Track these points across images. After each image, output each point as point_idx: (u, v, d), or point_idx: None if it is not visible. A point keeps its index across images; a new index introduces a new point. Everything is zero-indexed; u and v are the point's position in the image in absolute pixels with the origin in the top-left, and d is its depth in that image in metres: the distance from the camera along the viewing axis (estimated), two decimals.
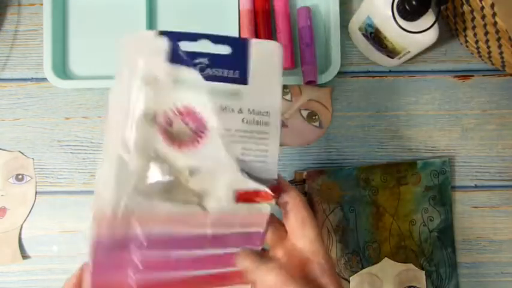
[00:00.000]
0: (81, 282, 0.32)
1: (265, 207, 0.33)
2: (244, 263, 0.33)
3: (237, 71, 0.33)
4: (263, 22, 0.51)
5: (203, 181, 0.32)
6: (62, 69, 0.52)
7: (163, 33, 0.32)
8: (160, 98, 0.32)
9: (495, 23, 0.42)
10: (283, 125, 0.51)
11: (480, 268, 0.51)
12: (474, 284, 0.51)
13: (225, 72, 0.33)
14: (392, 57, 0.49)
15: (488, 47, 0.46)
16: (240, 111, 0.33)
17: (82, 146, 0.52)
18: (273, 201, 0.33)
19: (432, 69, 0.53)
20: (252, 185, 0.32)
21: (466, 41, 0.50)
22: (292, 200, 0.34)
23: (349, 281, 0.49)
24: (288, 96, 0.52)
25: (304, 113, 0.51)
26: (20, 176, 0.51)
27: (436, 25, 0.42)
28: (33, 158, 0.51)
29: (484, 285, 0.51)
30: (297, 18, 0.51)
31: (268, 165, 0.33)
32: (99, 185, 0.31)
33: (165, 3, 0.53)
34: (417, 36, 0.43)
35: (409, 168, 0.50)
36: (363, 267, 0.50)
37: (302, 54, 0.50)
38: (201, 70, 0.32)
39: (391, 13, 0.42)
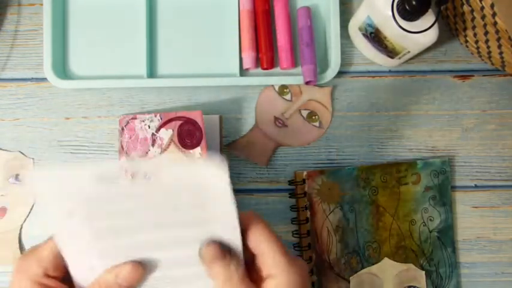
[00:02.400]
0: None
1: None
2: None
3: None
4: (263, 22, 0.51)
5: None
6: (62, 69, 0.52)
7: None
8: None
9: (495, 23, 0.42)
10: (283, 124, 0.51)
11: (480, 268, 0.51)
12: (474, 284, 0.51)
13: None
14: (392, 57, 0.49)
15: (488, 47, 0.46)
16: None
17: (82, 146, 0.52)
18: None
19: (432, 69, 0.53)
20: None
21: (466, 41, 0.50)
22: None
23: (349, 281, 0.49)
24: (288, 96, 0.52)
25: (304, 113, 0.51)
26: (20, 176, 0.51)
27: (436, 25, 0.42)
28: (33, 158, 0.51)
29: (484, 285, 0.51)
30: (297, 18, 0.51)
31: None
32: None
33: (165, 3, 0.53)
34: (417, 36, 0.43)
35: (409, 168, 0.50)
36: (363, 267, 0.49)
37: (302, 54, 0.50)
38: None
39: (391, 13, 0.42)
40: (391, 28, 0.43)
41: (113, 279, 0.31)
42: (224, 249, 0.32)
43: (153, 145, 0.48)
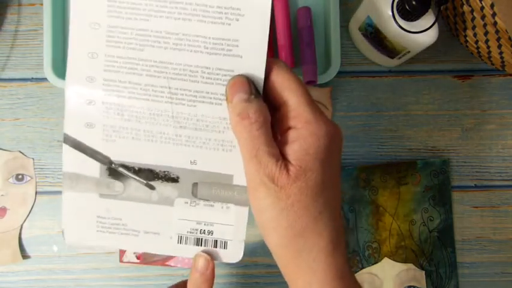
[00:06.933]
0: None
1: None
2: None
3: None
4: None
5: None
6: (62, 69, 0.52)
7: None
8: None
9: (495, 23, 0.42)
10: None
11: (480, 268, 0.51)
12: (474, 284, 0.51)
13: None
14: (392, 57, 0.49)
15: (488, 47, 0.46)
16: None
17: None
18: None
19: (432, 69, 0.53)
20: None
21: (466, 41, 0.50)
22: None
23: None
24: None
25: None
26: (20, 176, 0.51)
27: (436, 25, 0.42)
28: (33, 158, 0.51)
29: (484, 285, 0.51)
30: (297, 18, 0.51)
31: None
32: None
33: None
34: (417, 36, 0.43)
35: (409, 168, 0.50)
36: (362, 267, 0.50)
37: (302, 54, 0.50)
38: None
39: (391, 13, 0.42)
40: (391, 28, 0.43)
41: (198, 276, 0.31)
42: (251, 85, 0.27)
43: None
